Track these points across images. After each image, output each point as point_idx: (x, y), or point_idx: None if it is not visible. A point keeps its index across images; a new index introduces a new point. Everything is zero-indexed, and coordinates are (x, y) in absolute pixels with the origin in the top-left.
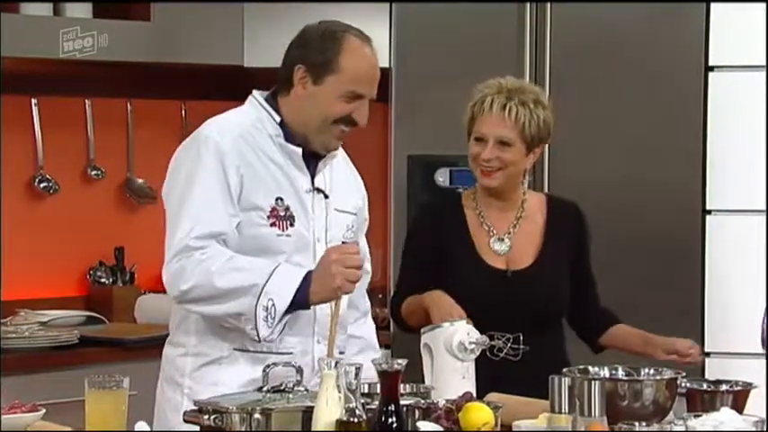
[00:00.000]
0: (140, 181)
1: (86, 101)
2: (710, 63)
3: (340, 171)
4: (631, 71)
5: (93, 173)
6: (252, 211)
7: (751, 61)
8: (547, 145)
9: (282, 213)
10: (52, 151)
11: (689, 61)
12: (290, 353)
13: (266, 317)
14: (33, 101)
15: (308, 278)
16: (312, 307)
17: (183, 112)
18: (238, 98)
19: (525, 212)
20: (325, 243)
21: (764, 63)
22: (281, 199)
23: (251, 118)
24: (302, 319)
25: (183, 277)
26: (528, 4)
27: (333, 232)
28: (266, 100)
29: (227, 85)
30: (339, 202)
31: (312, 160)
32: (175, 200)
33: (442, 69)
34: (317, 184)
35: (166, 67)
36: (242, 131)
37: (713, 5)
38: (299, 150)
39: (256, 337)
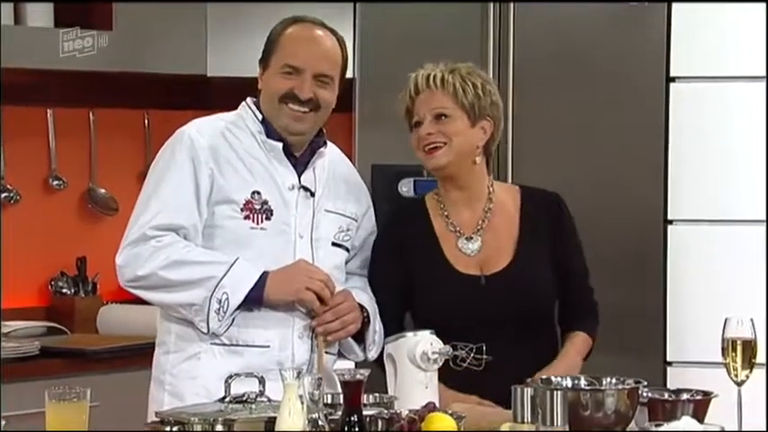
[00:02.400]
0: (102, 191)
1: (48, 110)
2: (672, 74)
3: (341, 175)
4: (593, 81)
5: (55, 183)
6: (225, 204)
7: (712, 72)
8: (505, 136)
9: (258, 207)
10: (13, 161)
11: (650, 72)
12: (268, 346)
13: (218, 309)
14: None
15: (263, 277)
16: (292, 303)
17: (147, 121)
18: (202, 107)
19: (494, 205)
20: (310, 241)
21: (756, 74)
22: (258, 193)
23: (236, 117)
24: (279, 314)
25: (139, 263)
26: (491, 5)
27: (320, 231)
28: (254, 103)
29: (191, 95)
30: (331, 203)
31: (302, 159)
32: (144, 193)
33: (406, 78)
34: (303, 182)
35: (129, 77)
36: (221, 129)
37: (674, 16)
38: (280, 145)
39: (205, 329)
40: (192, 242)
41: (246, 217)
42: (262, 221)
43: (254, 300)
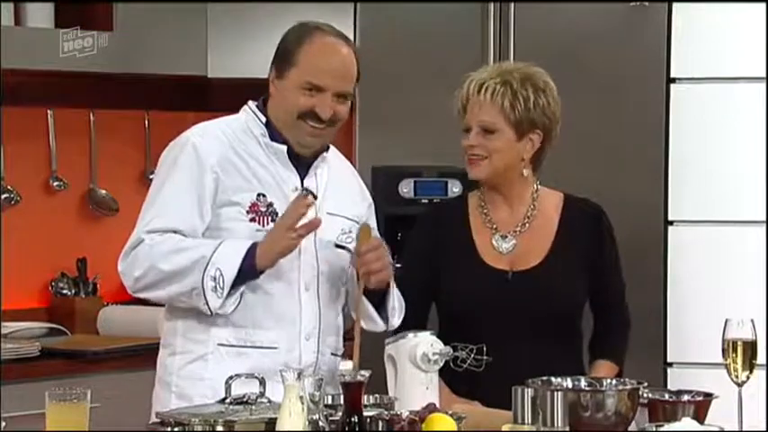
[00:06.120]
0: (103, 192)
1: (48, 111)
2: (672, 75)
3: (341, 177)
4: (593, 82)
5: (56, 184)
6: (230, 207)
7: (712, 73)
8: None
9: (263, 209)
10: (13, 162)
11: (650, 73)
12: (275, 347)
13: (215, 287)
14: None
15: (253, 249)
16: (299, 304)
17: (147, 122)
18: (202, 108)
19: (537, 211)
20: (314, 243)
21: (757, 75)
22: (264, 195)
23: (239, 121)
24: (287, 316)
25: (135, 264)
26: (491, 5)
27: (323, 234)
28: (257, 106)
29: (191, 96)
30: (332, 206)
31: (304, 161)
32: (146, 202)
33: (407, 80)
34: (306, 185)
35: (129, 77)
36: (225, 133)
37: (674, 17)
38: (284, 148)
39: (207, 311)
40: None
41: (252, 219)
42: (267, 224)
43: (249, 271)
